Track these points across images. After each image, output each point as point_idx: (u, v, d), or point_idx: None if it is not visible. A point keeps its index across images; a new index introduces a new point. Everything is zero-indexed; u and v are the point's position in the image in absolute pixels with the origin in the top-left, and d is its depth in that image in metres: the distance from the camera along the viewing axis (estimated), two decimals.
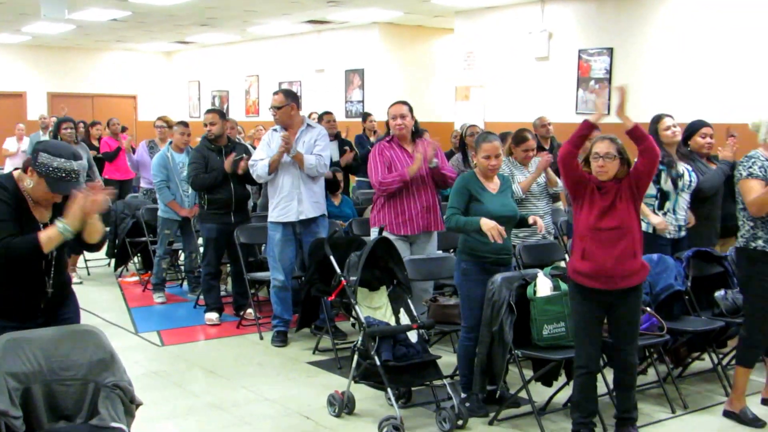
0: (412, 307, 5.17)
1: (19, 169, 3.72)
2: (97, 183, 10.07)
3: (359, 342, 4.92)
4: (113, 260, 9.41)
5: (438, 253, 6.26)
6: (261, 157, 6.51)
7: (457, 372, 5.66)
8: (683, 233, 5.94)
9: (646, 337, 4.96)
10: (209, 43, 19.68)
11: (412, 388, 5.17)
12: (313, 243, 5.79)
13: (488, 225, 4.77)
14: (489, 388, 5.07)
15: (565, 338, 4.73)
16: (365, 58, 15.79)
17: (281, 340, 6.64)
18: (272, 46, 18.16)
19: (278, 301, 6.65)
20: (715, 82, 9.89)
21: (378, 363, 4.73)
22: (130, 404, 3.44)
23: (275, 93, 6.68)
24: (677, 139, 5.98)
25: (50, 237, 3.53)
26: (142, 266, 9.32)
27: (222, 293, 7.64)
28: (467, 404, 5.00)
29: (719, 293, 5.68)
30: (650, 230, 5.74)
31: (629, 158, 4.44)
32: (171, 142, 8.04)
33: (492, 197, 5.04)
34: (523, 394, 4.87)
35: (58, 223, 3.52)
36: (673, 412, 5.16)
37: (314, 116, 10.08)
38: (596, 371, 4.58)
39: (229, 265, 7.55)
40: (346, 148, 8.93)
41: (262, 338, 6.81)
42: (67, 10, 12.58)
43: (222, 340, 6.89)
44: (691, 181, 5.88)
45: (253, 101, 19.13)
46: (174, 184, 7.87)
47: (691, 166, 6.02)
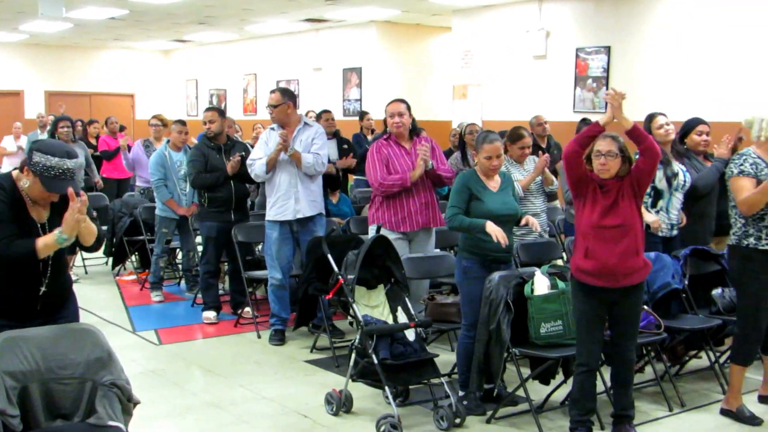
0: (409, 305, 5.17)
1: (18, 169, 3.72)
2: (96, 182, 10.09)
3: (357, 340, 4.92)
4: (111, 259, 9.40)
5: (436, 251, 6.26)
6: (259, 156, 6.51)
7: (456, 370, 5.67)
8: (675, 232, 5.95)
9: (643, 335, 4.96)
10: (207, 41, 19.66)
11: (410, 387, 5.17)
12: (310, 241, 5.79)
13: (494, 229, 4.81)
14: (486, 387, 5.08)
15: (562, 336, 4.74)
16: (363, 56, 15.78)
17: (279, 338, 6.64)
18: (270, 45, 18.15)
19: (276, 300, 6.65)
20: (713, 80, 9.90)
21: (376, 361, 4.73)
22: (127, 403, 3.43)
23: (272, 91, 6.68)
24: (671, 137, 5.98)
25: (47, 244, 3.55)
26: (139, 265, 9.31)
27: (220, 292, 7.64)
28: (465, 402, 5.00)
29: (716, 291, 5.69)
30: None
31: (631, 156, 4.44)
32: (168, 141, 8.04)
33: (493, 195, 5.05)
34: (520, 392, 4.87)
35: (56, 232, 3.54)
36: (671, 410, 5.17)
37: (311, 115, 10.06)
38: (596, 369, 4.58)
39: (226, 263, 7.55)
40: (345, 146, 8.92)
41: (259, 337, 6.81)
42: (65, 9, 12.57)
43: (220, 339, 6.89)
44: (685, 182, 5.87)
45: (250, 100, 19.12)
46: (171, 182, 7.87)
47: (687, 164, 6.03)
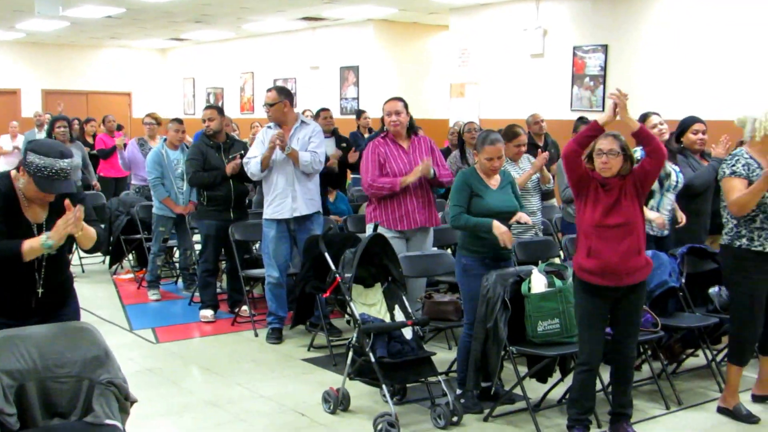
0: (407, 303, 5.16)
1: (16, 168, 3.73)
2: (94, 184, 10.05)
3: (354, 339, 4.92)
4: (108, 257, 9.39)
5: (433, 249, 6.26)
6: (255, 155, 6.50)
7: (453, 368, 5.68)
8: (666, 232, 5.94)
9: (640, 333, 4.94)
10: (204, 40, 19.65)
11: (407, 385, 5.17)
12: (307, 240, 5.78)
13: (501, 230, 4.84)
14: (484, 385, 5.09)
15: (559, 335, 4.74)
16: (360, 55, 15.78)
17: (276, 337, 6.64)
18: (267, 43, 18.14)
19: (273, 298, 6.65)
20: (710, 78, 9.91)
21: (373, 360, 4.73)
22: (124, 401, 3.43)
23: (269, 90, 6.67)
24: (665, 137, 5.98)
25: (33, 247, 3.56)
26: (136, 263, 9.29)
27: (217, 290, 7.63)
28: (462, 400, 5.00)
29: (713, 289, 5.70)
30: None
31: (632, 155, 4.44)
32: (165, 139, 8.03)
33: (492, 193, 5.07)
34: (517, 390, 4.87)
35: (43, 237, 3.54)
36: (667, 408, 5.17)
37: (308, 114, 10.05)
38: (597, 368, 4.58)
39: (224, 262, 7.54)
40: (344, 144, 8.91)
41: (257, 335, 6.80)
42: (62, 7, 12.57)
43: (217, 337, 6.88)
44: (678, 182, 5.86)
45: (247, 98, 19.11)
46: (169, 181, 7.85)
47: (684, 162, 6.02)
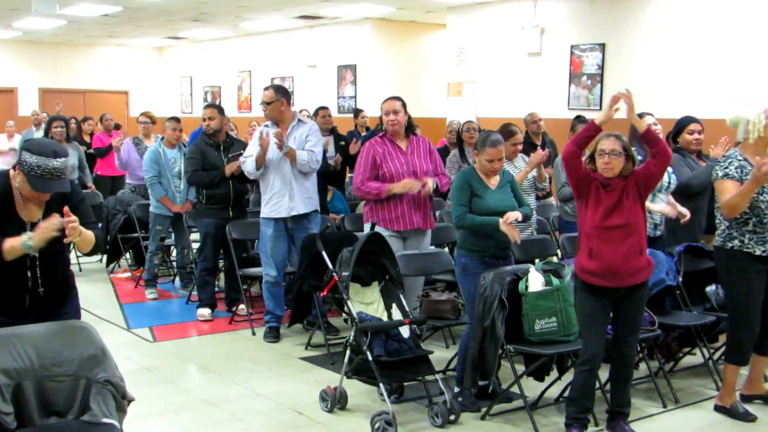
0: (404, 302, 5.17)
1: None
2: (90, 186, 10.01)
3: (351, 337, 4.92)
4: (105, 256, 9.38)
5: (431, 248, 6.25)
6: (251, 154, 6.50)
7: (450, 367, 5.68)
8: (659, 232, 5.94)
9: None
10: (201, 38, 19.64)
11: (405, 383, 5.17)
12: (305, 239, 5.78)
13: (508, 227, 4.86)
14: (481, 384, 5.08)
15: (557, 333, 4.73)
16: (357, 53, 15.78)
17: (273, 335, 6.64)
18: (264, 42, 18.14)
19: (270, 297, 6.64)
20: (708, 77, 9.92)
21: (370, 358, 4.73)
22: (121, 400, 3.42)
23: (266, 89, 6.67)
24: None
25: (13, 247, 3.55)
26: (134, 262, 9.29)
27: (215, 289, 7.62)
28: (460, 399, 5.01)
29: (710, 288, 5.70)
30: None
31: (634, 155, 4.44)
32: (162, 138, 8.02)
33: (492, 193, 5.09)
34: (515, 389, 4.87)
35: (24, 237, 3.54)
36: (665, 406, 5.18)
37: (305, 113, 10.05)
38: (599, 367, 4.57)
39: (222, 260, 7.53)
40: (342, 142, 8.90)
41: (254, 334, 6.80)
42: (58, 6, 12.56)
43: (214, 336, 6.88)
44: (670, 183, 5.85)
45: (245, 97, 19.11)
46: (166, 179, 7.84)
47: (683, 162, 6.02)
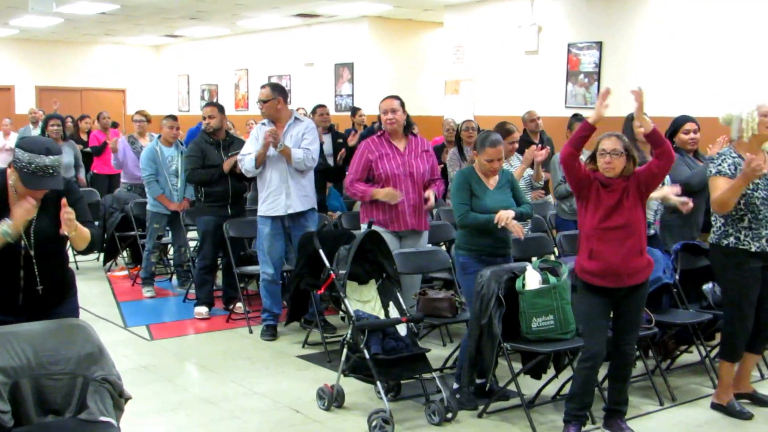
0: (401, 300, 5.17)
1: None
2: (80, 178, 9.96)
3: (348, 335, 4.92)
4: (102, 254, 9.38)
5: (428, 246, 6.25)
6: (249, 152, 6.49)
7: (447, 365, 5.70)
8: (652, 231, 5.93)
9: None
10: (198, 36, 19.62)
11: (402, 382, 5.17)
12: (302, 237, 5.77)
13: (512, 223, 4.90)
14: (478, 382, 5.09)
15: (553, 331, 4.73)
16: (355, 52, 15.77)
17: (271, 333, 6.64)
18: (261, 40, 18.11)
19: (267, 295, 6.64)
20: (704, 75, 9.92)
21: (367, 356, 4.74)
22: (119, 398, 3.43)
23: (262, 87, 6.67)
24: None
25: None
26: (131, 260, 9.28)
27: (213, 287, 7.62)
28: (458, 396, 5.01)
29: (707, 286, 5.70)
30: None
31: (635, 155, 4.44)
32: (159, 136, 8.01)
33: (490, 193, 5.11)
34: (512, 387, 4.88)
35: (3, 225, 3.53)
36: (661, 404, 5.19)
37: (302, 111, 10.04)
38: (601, 365, 4.56)
39: (220, 258, 7.53)
40: (340, 140, 8.91)
41: (251, 332, 6.80)
42: (55, 3, 12.55)
43: (211, 334, 6.88)
44: (662, 183, 5.84)
45: (242, 95, 19.08)
46: (163, 178, 7.84)
47: (681, 161, 6.01)
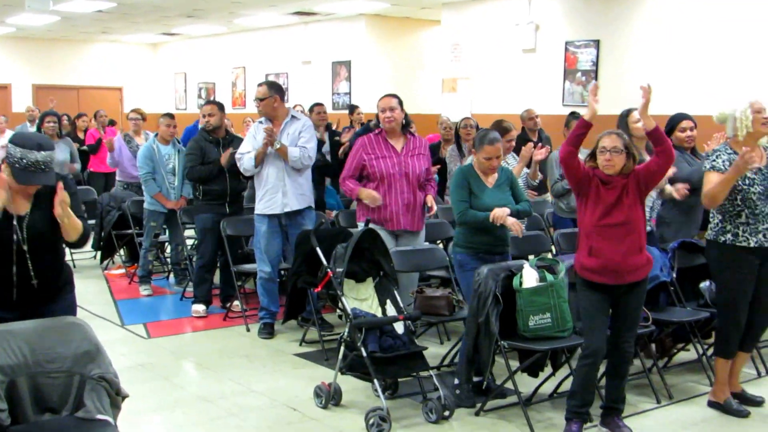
0: (398, 298, 5.17)
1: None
2: (71, 168, 9.90)
3: (346, 333, 4.92)
4: (99, 253, 9.37)
5: (425, 244, 6.25)
6: (247, 150, 6.49)
7: (445, 363, 5.70)
8: (648, 228, 5.93)
9: None
10: (195, 34, 19.60)
11: (399, 380, 5.18)
12: (299, 235, 5.77)
13: (512, 222, 4.96)
14: (475, 380, 5.09)
15: (551, 329, 4.74)
16: (352, 50, 15.76)
17: (268, 332, 6.64)
18: (259, 38, 18.10)
19: (265, 293, 6.64)
20: (702, 74, 9.92)
21: (365, 354, 4.74)
22: (116, 396, 3.43)
23: (259, 85, 6.66)
24: None
25: None
26: (128, 258, 9.27)
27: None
28: (458, 392, 5.03)
29: (704, 284, 5.71)
30: None
31: (635, 153, 4.45)
32: (157, 135, 8.00)
33: (489, 192, 5.14)
34: (509, 384, 4.88)
35: None
36: (658, 402, 5.19)
37: (299, 108, 10.04)
38: (601, 361, 4.57)
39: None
40: (337, 138, 8.90)
41: (248, 330, 6.80)
42: (52, 1, 12.52)
43: (209, 333, 6.88)
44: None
45: (239, 93, 19.07)
46: (160, 176, 7.83)
47: (681, 158, 6.01)
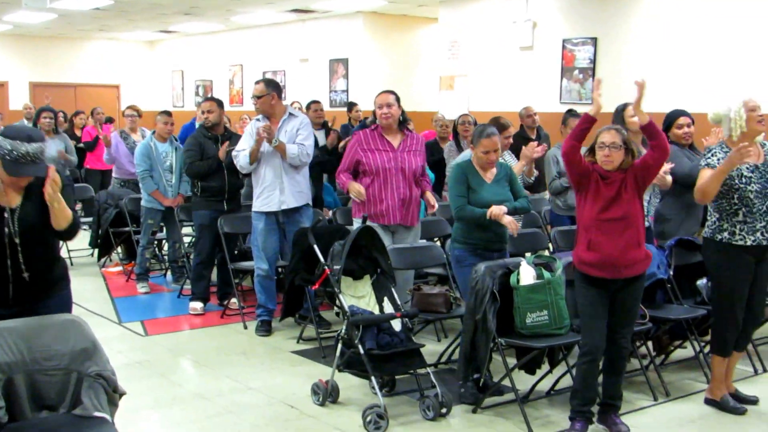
0: (396, 295, 5.17)
1: None
2: (64, 156, 9.86)
3: (343, 331, 4.92)
4: (96, 250, 9.36)
5: (422, 242, 6.26)
6: (243, 147, 6.48)
7: (441, 360, 5.70)
8: (646, 224, 5.93)
9: None
10: (193, 32, 19.57)
11: (396, 377, 5.17)
12: (296, 232, 5.78)
13: (508, 220, 4.98)
14: (474, 377, 5.09)
15: (548, 326, 4.74)
16: (349, 47, 15.76)
17: (265, 329, 6.64)
18: (256, 36, 18.09)
19: (262, 291, 6.64)
20: (699, 71, 9.93)
21: (362, 352, 4.74)
22: (113, 394, 3.43)
23: (257, 82, 6.66)
24: None
25: None
26: (125, 256, 9.27)
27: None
28: (462, 390, 5.03)
29: (701, 281, 5.71)
30: None
31: (634, 149, 4.46)
32: (154, 132, 8.00)
33: (488, 187, 5.16)
34: (506, 382, 4.88)
35: None
36: (655, 399, 5.20)
37: (296, 105, 10.03)
38: (600, 358, 4.57)
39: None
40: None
41: (246, 328, 6.80)
42: None
43: (206, 330, 6.88)
44: None
45: (237, 91, 19.06)
46: (157, 173, 7.82)
47: (681, 154, 6.00)
